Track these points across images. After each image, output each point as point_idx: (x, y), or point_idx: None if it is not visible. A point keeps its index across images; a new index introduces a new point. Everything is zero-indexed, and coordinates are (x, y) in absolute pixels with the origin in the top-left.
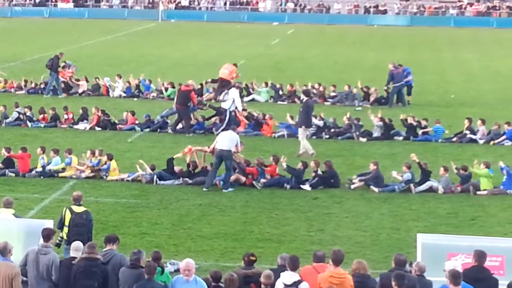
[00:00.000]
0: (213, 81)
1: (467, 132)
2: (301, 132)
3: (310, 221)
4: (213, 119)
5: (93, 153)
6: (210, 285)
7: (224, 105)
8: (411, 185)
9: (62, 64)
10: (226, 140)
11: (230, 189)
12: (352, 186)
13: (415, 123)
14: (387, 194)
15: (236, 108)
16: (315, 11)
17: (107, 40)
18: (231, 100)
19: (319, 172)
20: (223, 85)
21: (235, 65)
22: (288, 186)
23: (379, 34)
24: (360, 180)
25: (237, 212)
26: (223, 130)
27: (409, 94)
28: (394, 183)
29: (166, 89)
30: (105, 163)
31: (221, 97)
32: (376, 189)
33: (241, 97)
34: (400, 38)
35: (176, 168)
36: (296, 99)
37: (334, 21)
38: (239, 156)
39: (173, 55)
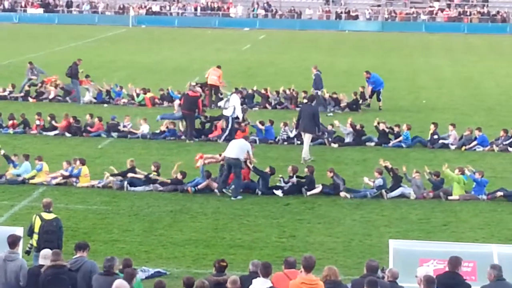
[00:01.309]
0: (199, 85)
1: (435, 136)
2: (309, 138)
3: (282, 227)
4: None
5: (69, 163)
6: None
7: (226, 113)
8: (383, 191)
9: (81, 71)
10: (235, 148)
11: (239, 197)
12: (308, 193)
13: (387, 130)
14: (359, 200)
15: (237, 115)
16: (287, 17)
17: (77, 46)
18: (232, 107)
19: (295, 178)
20: (215, 92)
21: (218, 67)
22: (259, 192)
23: (350, 40)
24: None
25: (208, 218)
26: (226, 137)
27: (378, 100)
28: (366, 189)
29: (138, 95)
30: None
31: (222, 104)
32: (348, 195)
33: (242, 104)
34: (371, 43)
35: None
36: (267, 105)
37: (305, 26)
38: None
39: (144, 60)
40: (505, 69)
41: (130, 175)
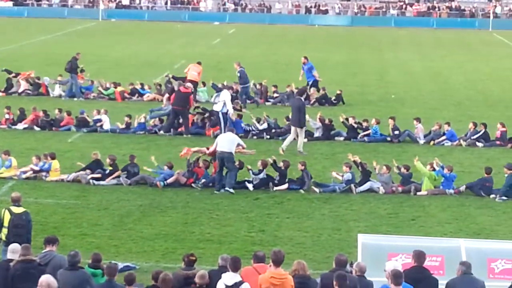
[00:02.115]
0: (174, 78)
1: (396, 132)
2: (301, 132)
3: (251, 222)
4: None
5: (38, 158)
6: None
7: (216, 107)
8: (352, 185)
9: (81, 66)
10: (226, 141)
11: (231, 190)
12: (275, 188)
13: (355, 125)
14: (328, 195)
15: (227, 110)
16: (256, 11)
17: (47, 39)
18: (222, 102)
19: (264, 172)
20: (195, 87)
21: (199, 63)
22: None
23: (320, 34)
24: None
25: (178, 212)
26: (222, 133)
27: (318, 90)
28: (335, 183)
29: (107, 89)
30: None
31: (212, 99)
32: (317, 189)
33: (233, 99)
34: (341, 38)
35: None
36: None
37: (275, 21)
38: (242, 151)
39: (114, 54)
40: (473, 64)
41: (90, 176)
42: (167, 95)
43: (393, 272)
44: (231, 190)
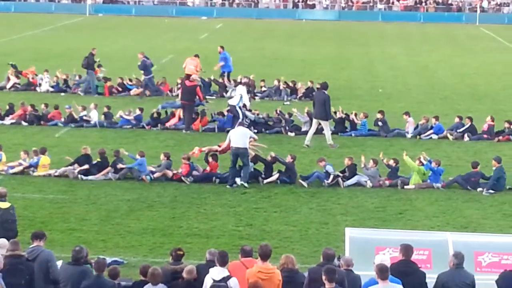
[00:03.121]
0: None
1: (380, 123)
2: (326, 125)
3: (239, 216)
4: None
5: (26, 153)
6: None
7: (232, 102)
8: (339, 179)
9: (97, 60)
10: (240, 137)
11: (246, 185)
12: (265, 181)
13: (343, 116)
14: (315, 189)
15: (244, 104)
16: (244, 6)
17: (35, 34)
18: (238, 96)
19: (252, 166)
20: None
21: (197, 56)
22: (217, 180)
23: (307, 29)
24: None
25: (165, 207)
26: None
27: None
28: (317, 171)
29: (99, 81)
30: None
31: (228, 94)
32: (304, 183)
33: (248, 92)
34: (328, 32)
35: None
36: (224, 93)
37: (262, 15)
38: (255, 145)
39: (101, 49)
40: (460, 58)
41: (78, 169)
42: (179, 90)
43: (378, 266)
44: (246, 185)
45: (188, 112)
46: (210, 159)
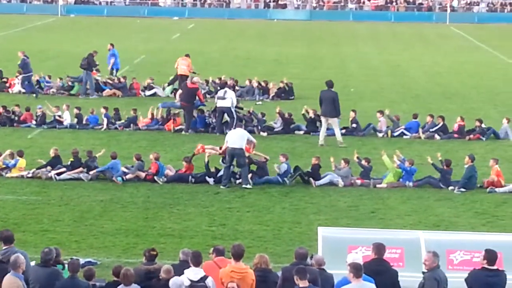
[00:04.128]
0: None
1: (354, 125)
2: (336, 122)
3: (212, 216)
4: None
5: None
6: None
7: (226, 104)
8: (311, 179)
9: (97, 63)
10: (237, 138)
11: (248, 186)
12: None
13: (313, 116)
14: (288, 188)
15: (235, 106)
16: (215, 6)
17: (6, 35)
18: (230, 98)
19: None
20: (184, 80)
21: (187, 56)
22: (193, 180)
23: (279, 28)
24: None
25: (138, 207)
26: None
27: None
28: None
29: (73, 87)
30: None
31: (221, 95)
32: (250, 182)
33: (247, 96)
34: (300, 32)
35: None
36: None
37: (234, 15)
38: (257, 154)
39: (73, 50)
40: (431, 57)
41: (54, 172)
42: (180, 91)
43: (352, 264)
44: (249, 186)
45: (188, 114)
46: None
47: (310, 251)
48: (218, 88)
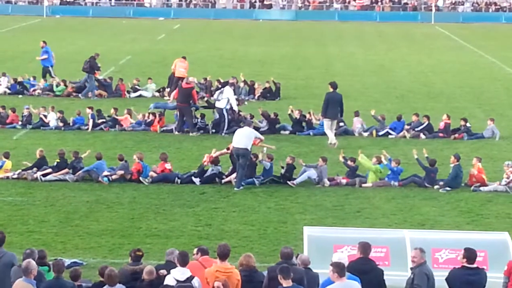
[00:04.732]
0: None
1: (341, 124)
2: (325, 123)
3: (198, 216)
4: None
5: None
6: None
7: (219, 105)
8: (288, 181)
9: (99, 65)
10: (243, 137)
11: (241, 188)
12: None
13: (299, 117)
14: (274, 188)
15: (231, 106)
16: (201, 6)
17: None
18: (225, 99)
19: (218, 167)
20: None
21: (184, 58)
22: (179, 181)
23: (264, 29)
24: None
25: (124, 208)
26: (227, 130)
27: (43, 76)
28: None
29: (58, 85)
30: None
31: (215, 97)
32: (234, 182)
33: (235, 95)
34: (285, 32)
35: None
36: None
37: (219, 16)
38: (263, 145)
39: (59, 51)
40: (416, 57)
41: (39, 173)
42: (173, 93)
43: (335, 264)
44: (237, 189)
45: (188, 115)
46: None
47: (295, 250)
48: (204, 88)
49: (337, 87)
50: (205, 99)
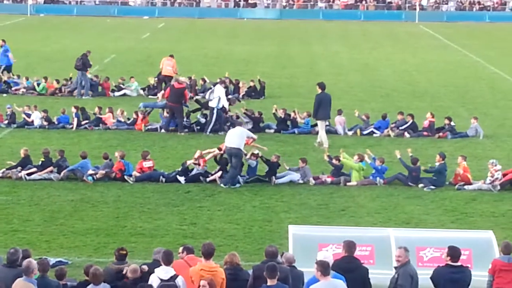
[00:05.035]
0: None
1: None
2: (319, 124)
3: (183, 215)
4: (197, 113)
5: None
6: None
7: (211, 104)
8: (273, 177)
9: (91, 63)
10: (235, 137)
11: (237, 185)
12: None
13: (283, 115)
14: (258, 187)
15: (223, 106)
16: (186, 5)
17: None
18: (217, 98)
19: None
20: (169, 80)
21: (172, 56)
22: (164, 180)
23: (249, 27)
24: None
25: (109, 207)
26: (212, 129)
27: (8, 72)
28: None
29: (38, 84)
30: None
31: (206, 96)
32: (219, 181)
33: (227, 94)
34: (270, 31)
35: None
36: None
37: (204, 14)
38: (255, 145)
39: (43, 49)
40: (401, 56)
41: (24, 172)
42: (162, 92)
43: (319, 262)
44: (225, 186)
45: (179, 114)
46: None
47: (280, 249)
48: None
49: (325, 87)
50: (194, 98)
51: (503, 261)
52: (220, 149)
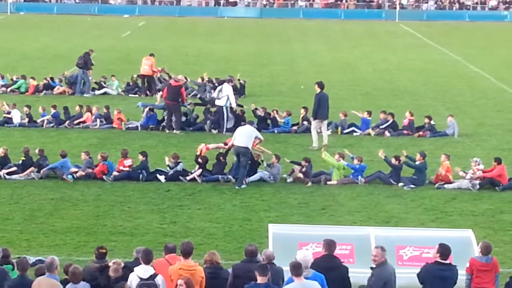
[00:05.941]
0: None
1: (305, 122)
2: (312, 124)
3: (163, 214)
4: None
5: None
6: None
7: (219, 103)
8: (245, 179)
9: (93, 62)
10: (243, 136)
11: (243, 186)
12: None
13: (263, 114)
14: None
15: (230, 104)
16: (166, 3)
17: None
18: (225, 97)
19: (181, 165)
20: (148, 81)
21: (151, 55)
22: (143, 178)
23: (229, 26)
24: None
25: (89, 205)
26: (227, 128)
27: None
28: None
29: (16, 82)
30: None
31: (215, 95)
32: (199, 180)
33: (235, 93)
34: (250, 29)
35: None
36: (148, 92)
37: (185, 13)
38: (260, 148)
39: (23, 48)
40: (381, 55)
41: (4, 171)
42: (160, 93)
43: (292, 263)
44: (243, 186)
45: (177, 112)
46: (200, 160)
47: (260, 248)
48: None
49: (324, 86)
50: (198, 96)
51: (481, 261)
52: (225, 144)
